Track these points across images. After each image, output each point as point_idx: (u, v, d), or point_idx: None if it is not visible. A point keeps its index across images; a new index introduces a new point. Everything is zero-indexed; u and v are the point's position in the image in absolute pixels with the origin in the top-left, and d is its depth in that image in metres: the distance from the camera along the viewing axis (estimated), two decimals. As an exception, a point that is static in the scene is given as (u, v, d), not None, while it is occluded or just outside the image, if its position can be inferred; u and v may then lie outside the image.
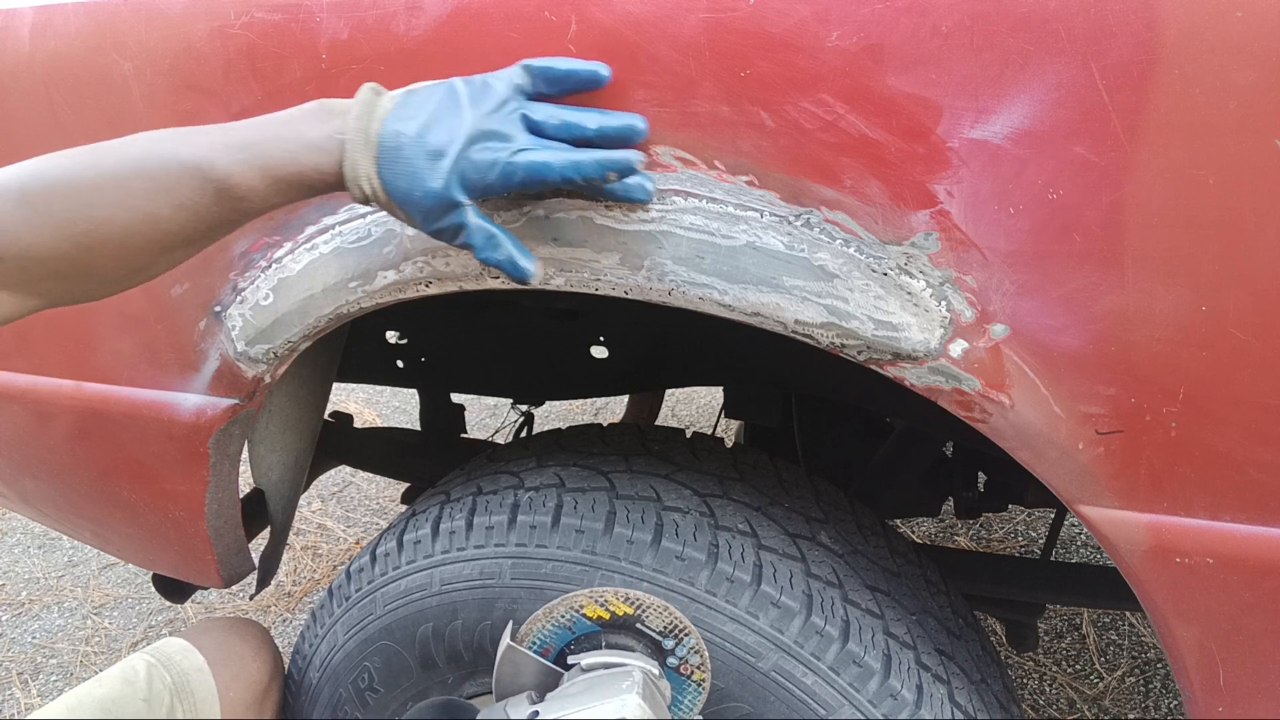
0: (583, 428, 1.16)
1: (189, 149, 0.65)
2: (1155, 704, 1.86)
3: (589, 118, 0.67)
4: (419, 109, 0.66)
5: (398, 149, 0.65)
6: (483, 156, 0.65)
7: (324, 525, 2.62)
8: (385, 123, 0.66)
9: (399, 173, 0.65)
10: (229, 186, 0.65)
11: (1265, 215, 0.58)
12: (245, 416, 0.94)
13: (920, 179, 0.65)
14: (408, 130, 0.65)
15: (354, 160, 0.66)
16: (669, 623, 0.83)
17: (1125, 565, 0.71)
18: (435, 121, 0.66)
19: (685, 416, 3.20)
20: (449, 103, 0.66)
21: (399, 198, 0.66)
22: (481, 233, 0.67)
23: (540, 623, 0.85)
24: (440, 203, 0.66)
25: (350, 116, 0.66)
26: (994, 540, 2.39)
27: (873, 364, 0.70)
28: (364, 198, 0.67)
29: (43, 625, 2.26)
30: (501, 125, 0.66)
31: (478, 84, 0.67)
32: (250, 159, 0.65)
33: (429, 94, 0.67)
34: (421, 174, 0.65)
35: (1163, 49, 0.57)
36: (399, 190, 0.66)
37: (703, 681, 0.84)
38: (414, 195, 0.66)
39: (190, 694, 0.99)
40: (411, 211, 0.67)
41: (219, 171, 0.65)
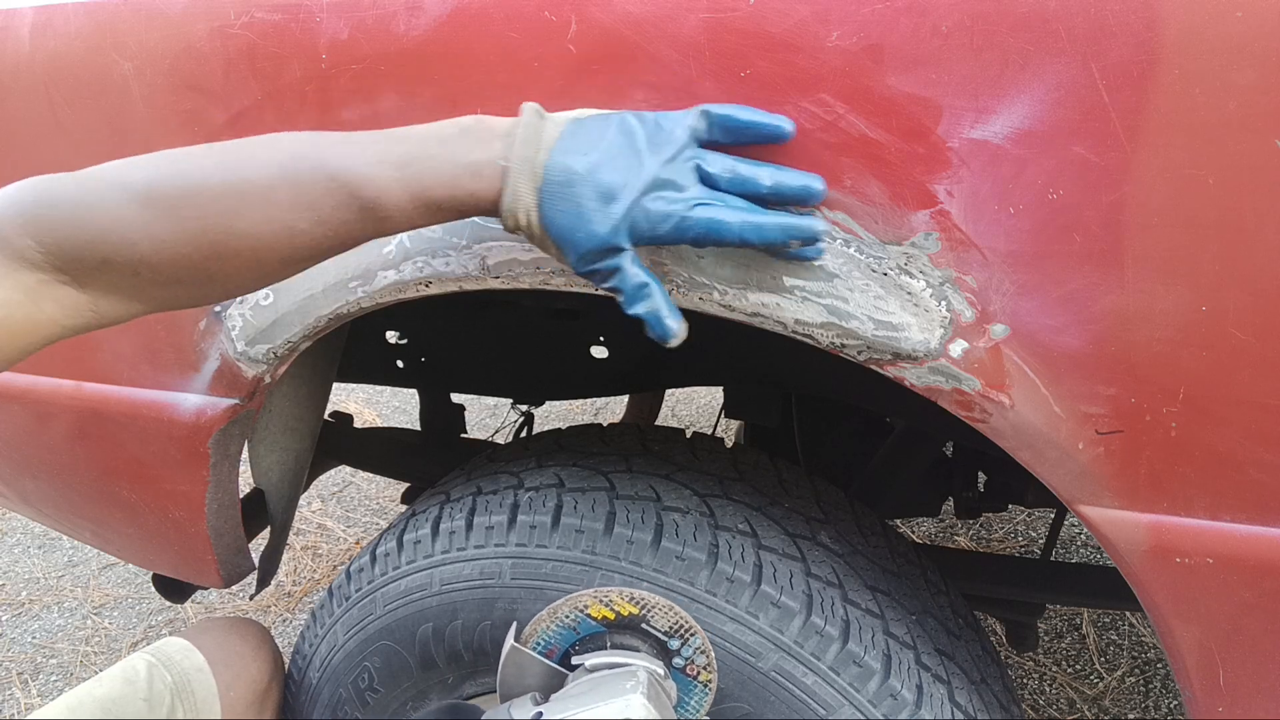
0: (583, 428, 1.16)
1: (340, 161, 0.61)
2: (1155, 704, 1.86)
3: (765, 173, 0.64)
4: (591, 145, 0.62)
5: (567, 185, 0.62)
6: (657, 207, 0.62)
7: (324, 525, 2.62)
8: (553, 154, 0.62)
9: (563, 210, 0.62)
10: (377, 206, 0.61)
11: (1265, 215, 0.58)
12: (245, 416, 0.94)
13: (920, 179, 0.65)
14: (578, 167, 0.62)
15: (515, 190, 0.62)
16: (674, 623, 0.82)
17: (1125, 565, 0.71)
18: (609, 161, 0.62)
19: (685, 416, 3.20)
20: (623, 140, 0.63)
21: (557, 235, 0.63)
22: (636, 282, 0.64)
23: (544, 623, 0.85)
24: (603, 247, 0.62)
25: (515, 141, 0.62)
26: (994, 540, 2.39)
27: (873, 364, 0.70)
28: (515, 228, 0.64)
29: (43, 625, 2.26)
30: (677, 174, 0.63)
31: (652, 123, 0.64)
32: (404, 178, 0.61)
33: (602, 127, 0.63)
34: (589, 216, 0.62)
35: (1163, 49, 0.57)
36: (559, 228, 0.62)
37: (709, 682, 0.84)
38: (576, 236, 0.62)
39: (191, 694, 0.99)
40: (566, 250, 0.63)
41: (370, 190, 0.61)
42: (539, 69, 0.70)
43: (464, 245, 0.76)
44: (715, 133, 0.65)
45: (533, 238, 0.65)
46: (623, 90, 0.69)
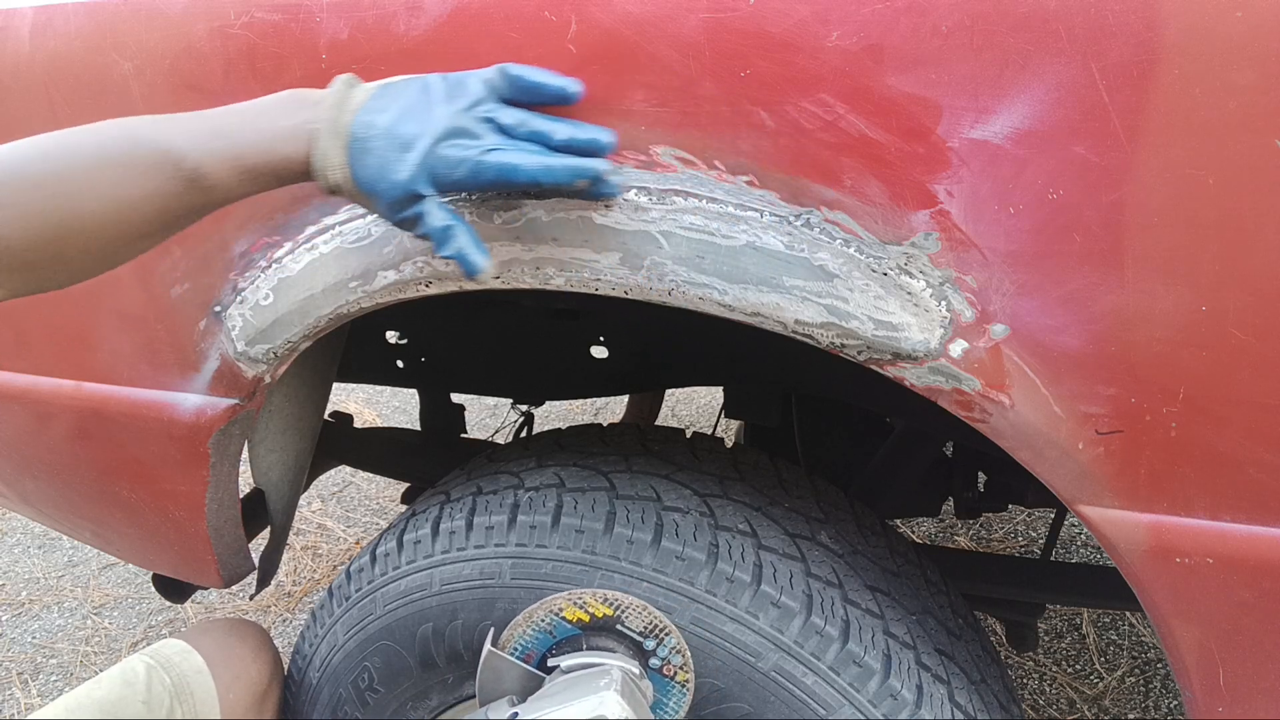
0: (583, 428, 1.16)
1: (161, 136, 0.65)
2: (1155, 704, 1.86)
3: (558, 128, 0.68)
4: (392, 101, 0.67)
5: (368, 139, 0.66)
6: (452, 153, 0.66)
7: (324, 525, 2.62)
8: (358, 114, 0.67)
9: (368, 163, 0.66)
10: (199, 175, 0.65)
11: (1265, 215, 0.58)
12: (245, 416, 0.94)
13: (920, 179, 0.65)
14: (379, 122, 0.66)
15: (324, 150, 0.67)
16: (649, 623, 0.83)
17: (1125, 565, 0.71)
18: (407, 114, 0.66)
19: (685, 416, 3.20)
20: (422, 97, 0.67)
21: (366, 187, 0.67)
22: (440, 225, 0.68)
23: (521, 628, 0.85)
24: (405, 194, 0.66)
25: (323, 106, 0.67)
26: (994, 540, 2.39)
27: (873, 364, 0.70)
28: (332, 187, 0.68)
29: (43, 625, 2.26)
30: (472, 124, 0.67)
31: (453, 81, 0.68)
32: (222, 148, 0.66)
33: (403, 87, 0.68)
34: (390, 165, 0.66)
35: (1163, 49, 0.57)
36: (366, 180, 0.67)
37: (686, 682, 0.84)
38: (380, 186, 0.66)
39: (190, 695, 0.98)
40: (377, 201, 0.68)
41: (190, 160, 0.65)
42: (539, 69, 0.70)
43: (464, 245, 0.76)
44: (513, 91, 0.68)
45: (347, 195, 0.69)
46: (623, 90, 0.69)
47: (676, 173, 0.70)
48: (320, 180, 0.68)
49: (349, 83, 0.69)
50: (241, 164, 0.66)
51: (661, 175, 0.70)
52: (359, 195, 0.68)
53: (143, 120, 0.68)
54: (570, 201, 0.72)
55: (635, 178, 0.71)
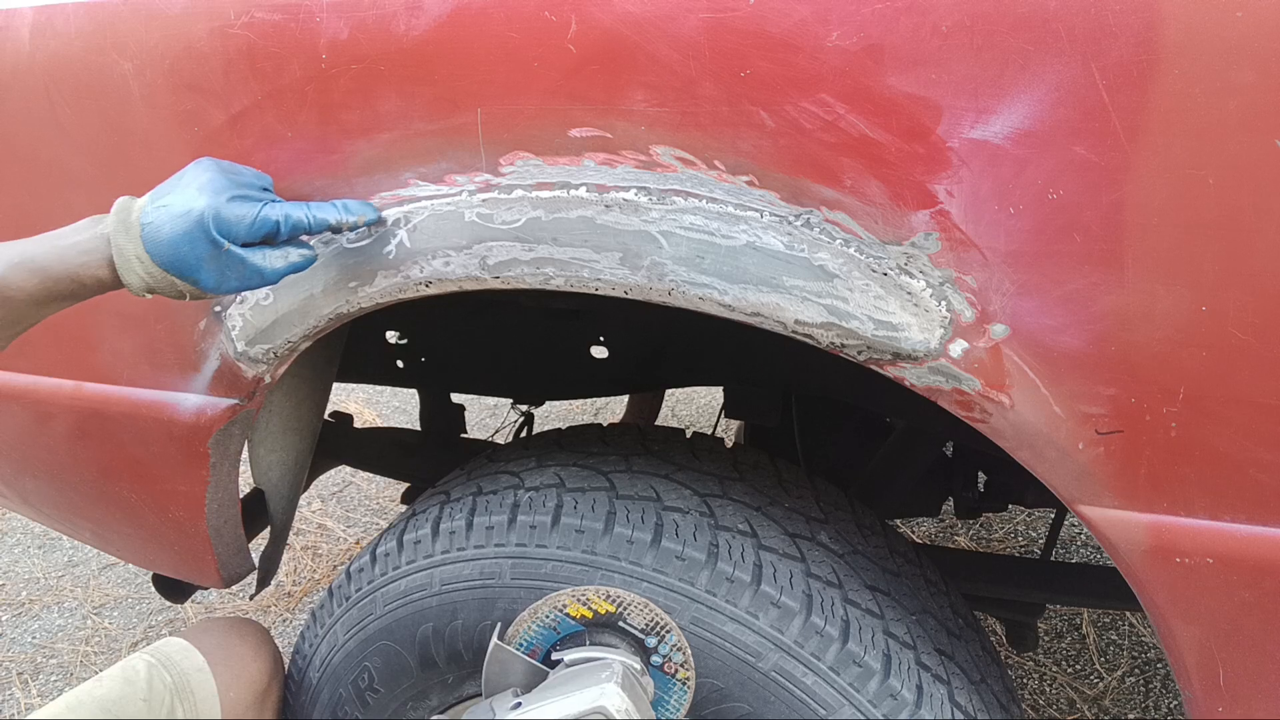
0: (583, 428, 1.16)
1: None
2: (1155, 704, 1.86)
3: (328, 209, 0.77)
4: (171, 188, 0.74)
5: (156, 224, 0.72)
6: (236, 207, 0.73)
7: (324, 525, 2.62)
8: (143, 210, 0.73)
9: (161, 242, 0.71)
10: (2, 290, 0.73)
11: (1265, 215, 0.58)
12: (245, 416, 0.94)
13: (920, 179, 0.65)
14: (163, 202, 0.72)
15: (120, 247, 0.72)
16: (650, 620, 0.84)
17: (1125, 565, 0.71)
18: (187, 189, 0.73)
19: (685, 416, 3.20)
20: (197, 175, 0.74)
21: (171, 264, 0.72)
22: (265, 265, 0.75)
23: (526, 623, 0.86)
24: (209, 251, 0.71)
25: (111, 215, 0.74)
26: (994, 540, 2.39)
27: (873, 364, 0.70)
28: (143, 283, 0.73)
29: (43, 625, 2.26)
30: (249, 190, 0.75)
31: (226, 163, 0.77)
32: (20, 263, 0.73)
33: (180, 176, 0.75)
34: (182, 233, 0.71)
35: (1163, 49, 0.57)
36: (168, 258, 0.72)
37: (687, 680, 0.85)
38: (180, 252, 0.71)
39: (191, 694, 0.99)
40: (188, 274, 0.72)
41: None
42: (539, 69, 0.70)
43: (464, 245, 0.76)
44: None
45: (160, 287, 0.74)
46: (623, 90, 0.69)
47: (676, 173, 0.70)
48: (128, 279, 0.73)
49: (129, 197, 0.75)
50: (39, 274, 0.73)
51: (661, 175, 0.70)
52: (170, 279, 0.73)
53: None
54: (571, 201, 0.72)
55: (635, 177, 0.71)
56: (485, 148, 0.74)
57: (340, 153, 0.78)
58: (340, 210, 0.77)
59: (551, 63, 0.69)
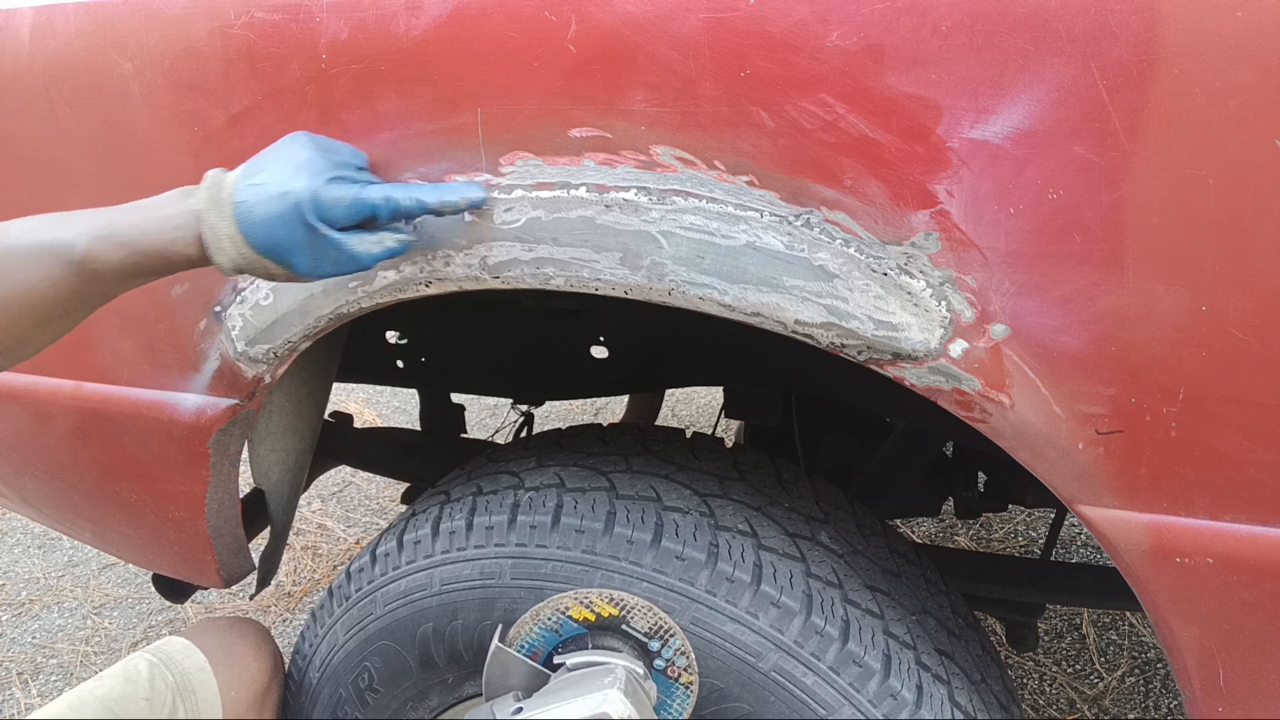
0: (583, 428, 1.16)
1: (55, 229, 0.71)
2: (1155, 704, 1.86)
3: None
4: (265, 165, 0.70)
5: (251, 202, 0.68)
6: (334, 189, 0.69)
7: (324, 525, 2.61)
8: (236, 185, 0.70)
9: (256, 222, 0.68)
10: (85, 261, 0.69)
11: (1265, 215, 0.58)
12: (245, 416, 0.94)
13: (920, 179, 0.65)
14: (258, 180, 0.69)
15: (212, 226, 0.69)
16: (654, 624, 0.83)
17: (1125, 565, 0.71)
18: (283, 167, 0.70)
19: (685, 416, 3.20)
20: (293, 151, 0.71)
21: (265, 246, 0.69)
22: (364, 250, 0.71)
23: (528, 625, 0.86)
24: (305, 234, 0.68)
25: (202, 190, 0.70)
26: (994, 540, 2.39)
27: (873, 364, 0.70)
28: (233, 264, 0.70)
29: (43, 625, 2.26)
30: (346, 170, 0.72)
31: (320, 137, 0.73)
32: (107, 236, 0.70)
33: (272, 151, 0.72)
34: (279, 215, 0.68)
35: (1163, 49, 0.57)
36: (262, 239, 0.69)
37: (690, 684, 0.84)
38: (275, 235, 0.68)
39: (192, 693, 0.99)
40: (282, 257, 0.69)
41: (79, 249, 0.69)
42: (539, 69, 0.70)
43: (464, 245, 0.76)
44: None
45: (251, 267, 0.70)
46: (623, 90, 0.69)
47: (676, 173, 0.70)
48: (218, 259, 0.70)
49: (221, 170, 0.72)
50: (128, 248, 0.70)
51: (661, 175, 0.70)
52: (264, 262, 0.70)
53: (50, 216, 0.73)
54: (571, 201, 0.72)
55: (635, 177, 0.71)
56: (485, 148, 0.74)
57: (340, 153, 0.78)
58: (441, 192, 0.72)
59: (551, 63, 0.69)
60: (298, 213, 0.68)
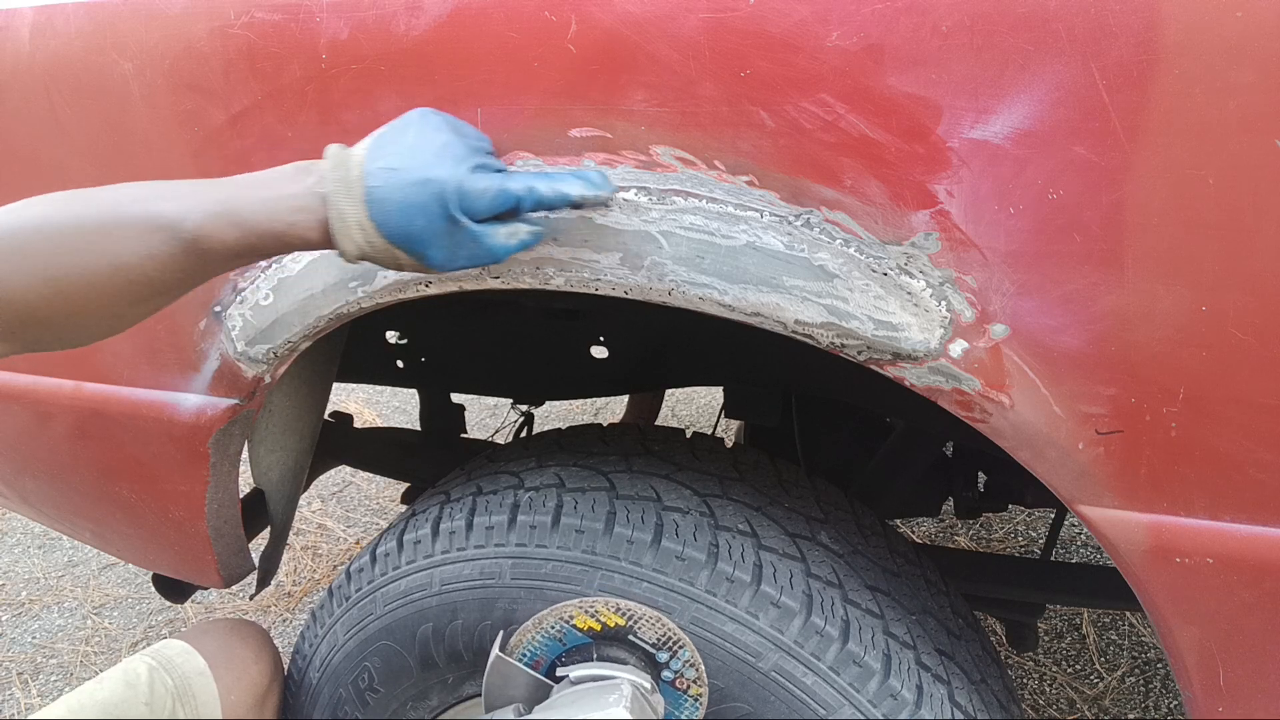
0: (583, 428, 1.16)
1: (162, 202, 0.65)
2: (1155, 704, 1.86)
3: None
4: (396, 144, 0.65)
5: (385, 187, 0.63)
6: (479, 180, 0.65)
7: (324, 525, 2.61)
8: (365, 166, 0.64)
9: (391, 210, 0.64)
10: (197, 239, 0.64)
11: (1265, 215, 0.58)
12: (245, 416, 0.94)
13: (920, 179, 0.65)
14: (392, 164, 0.64)
15: (341, 212, 0.64)
16: (662, 634, 0.82)
17: (1125, 565, 0.71)
18: (418, 151, 0.64)
19: (685, 416, 3.20)
20: (424, 132, 0.66)
21: (399, 236, 0.64)
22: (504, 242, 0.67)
23: (530, 634, 0.84)
24: (448, 230, 0.64)
25: (326, 169, 0.65)
26: (994, 540, 2.39)
27: (873, 364, 0.70)
28: (359, 251, 0.66)
29: (43, 625, 2.26)
30: (481, 156, 0.67)
31: (446, 116, 0.68)
32: (221, 213, 0.64)
33: (400, 129, 0.67)
34: (417, 204, 0.63)
35: (1163, 49, 0.57)
36: (397, 228, 0.64)
37: (700, 696, 0.83)
38: (413, 225, 0.64)
39: (192, 697, 0.99)
40: (416, 246, 0.65)
41: (189, 225, 0.64)
42: (539, 69, 0.70)
43: (464, 245, 0.75)
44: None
45: (377, 255, 0.66)
46: (623, 90, 0.69)
47: (676, 173, 0.70)
48: (343, 245, 0.65)
49: (340, 146, 0.67)
50: (242, 228, 0.64)
51: (661, 175, 0.70)
52: (393, 250, 0.65)
53: (150, 185, 0.67)
54: (570, 201, 0.72)
55: (635, 178, 0.71)
56: (485, 148, 0.74)
57: (340, 153, 0.78)
58: (583, 184, 0.67)
59: (551, 63, 0.69)
60: (440, 203, 0.63)
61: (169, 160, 0.84)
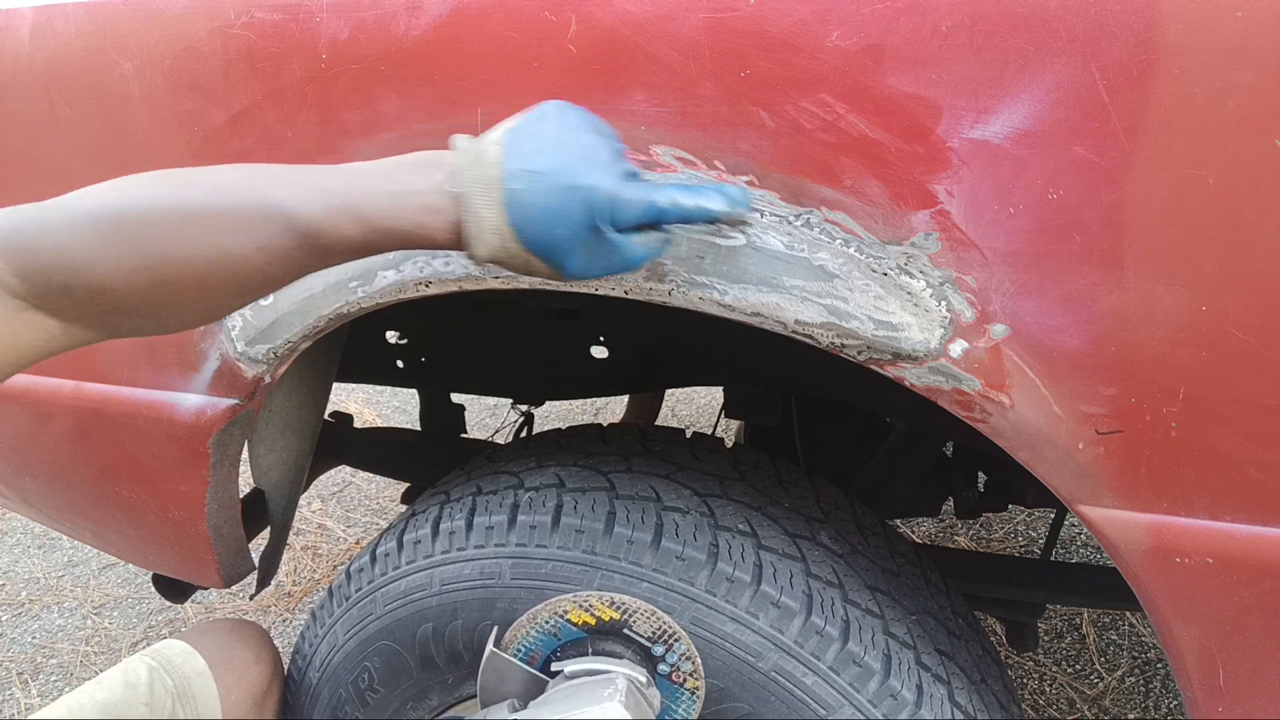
0: (583, 428, 1.16)
1: (278, 190, 0.60)
2: (1155, 704, 1.86)
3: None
4: (534, 141, 0.60)
5: (529, 192, 0.59)
6: (631, 190, 0.61)
7: (324, 525, 2.61)
8: (506, 167, 0.59)
9: (533, 216, 0.59)
10: (316, 233, 0.60)
11: (1265, 215, 0.58)
12: (245, 416, 0.94)
13: (920, 179, 0.65)
14: (539, 166, 0.59)
15: (479, 216, 0.59)
16: (658, 628, 0.82)
17: (1125, 565, 0.71)
18: (563, 152, 0.60)
19: (685, 416, 3.20)
20: (566, 131, 0.61)
21: (538, 244, 0.60)
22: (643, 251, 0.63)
23: (524, 629, 0.84)
24: (585, 235, 0.60)
25: (461, 166, 0.60)
26: (994, 540, 2.39)
27: (873, 364, 0.70)
28: (491, 256, 0.61)
29: (43, 625, 2.26)
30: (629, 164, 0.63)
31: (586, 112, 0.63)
32: (342, 207, 0.60)
33: (540, 124, 0.62)
34: (563, 212, 0.59)
35: (1163, 49, 0.57)
36: (538, 235, 0.60)
37: (696, 689, 0.83)
38: (555, 234, 0.60)
39: (192, 698, 0.99)
40: (555, 256, 0.61)
41: (306, 217, 0.59)
42: (539, 69, 0.70)
43: (464, 245, 0.75)
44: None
45: (509, 260, 0.62)
46: (623, 90, 0.69)
47: (677, 173, 0.70)
48: (474, 247, 0.61)
49: (470, 139, 0.63)
50: (365, 224, 0.60)
51: (662, 175, 0.70)
52: (522, 255, 0.61)
53: (263, 169, 0.64)
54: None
55: (635, 178, 0.71)
56: (485, 148, 0.74)
57: (340, 153, 0.78)
58: (725, 200, 0.63)
59: (552, 63, 0.69)
60: (587, 212, 0.59)
61: (169, 160, 0.84)
